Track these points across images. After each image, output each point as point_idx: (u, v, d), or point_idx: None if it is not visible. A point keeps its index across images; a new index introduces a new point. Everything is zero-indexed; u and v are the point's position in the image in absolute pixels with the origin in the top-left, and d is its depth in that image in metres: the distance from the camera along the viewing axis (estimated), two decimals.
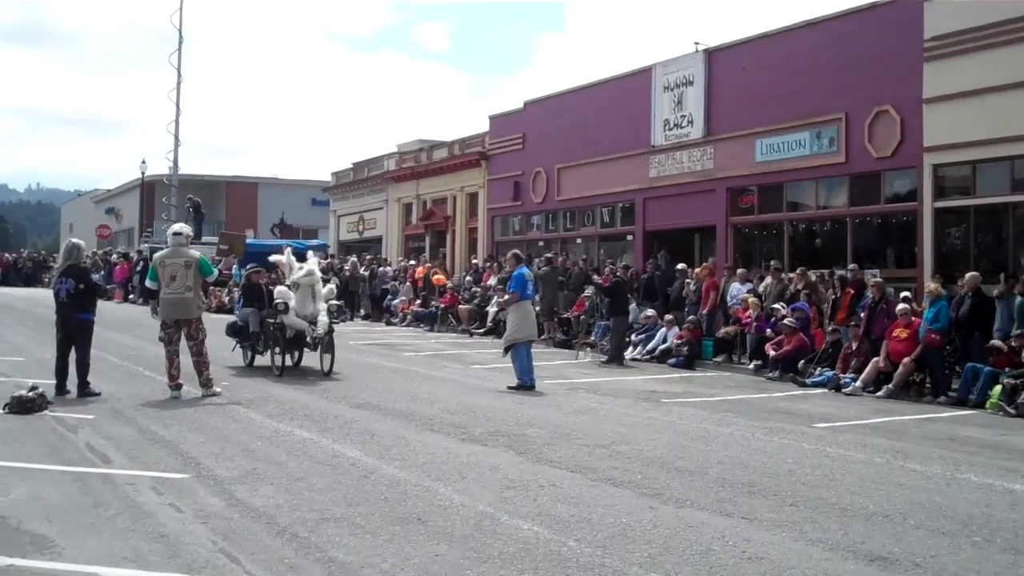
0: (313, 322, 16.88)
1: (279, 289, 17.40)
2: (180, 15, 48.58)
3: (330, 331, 17.02)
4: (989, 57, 19.35)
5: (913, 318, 17.51)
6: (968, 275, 17.61)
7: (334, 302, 18.20)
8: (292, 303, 16.91)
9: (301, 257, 18.31)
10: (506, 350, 16.67)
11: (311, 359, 17.69)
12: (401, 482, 8.91)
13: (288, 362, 17.37)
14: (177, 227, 15.36)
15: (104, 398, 13.64)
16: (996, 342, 16.59)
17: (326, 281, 19.10)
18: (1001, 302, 17.25)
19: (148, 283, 14.86)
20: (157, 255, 15.10)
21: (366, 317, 34.59)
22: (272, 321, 17.25)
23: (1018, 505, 8.90)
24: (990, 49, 19.36)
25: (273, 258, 18.68)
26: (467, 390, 16.06)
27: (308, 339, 17.18)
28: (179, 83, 49.17)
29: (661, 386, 17.64)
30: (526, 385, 16.05)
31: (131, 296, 41.12)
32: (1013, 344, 16.28)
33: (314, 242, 25.81)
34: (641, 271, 26.35)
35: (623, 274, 24.23)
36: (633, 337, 23.04)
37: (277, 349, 17.16)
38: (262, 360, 17.85)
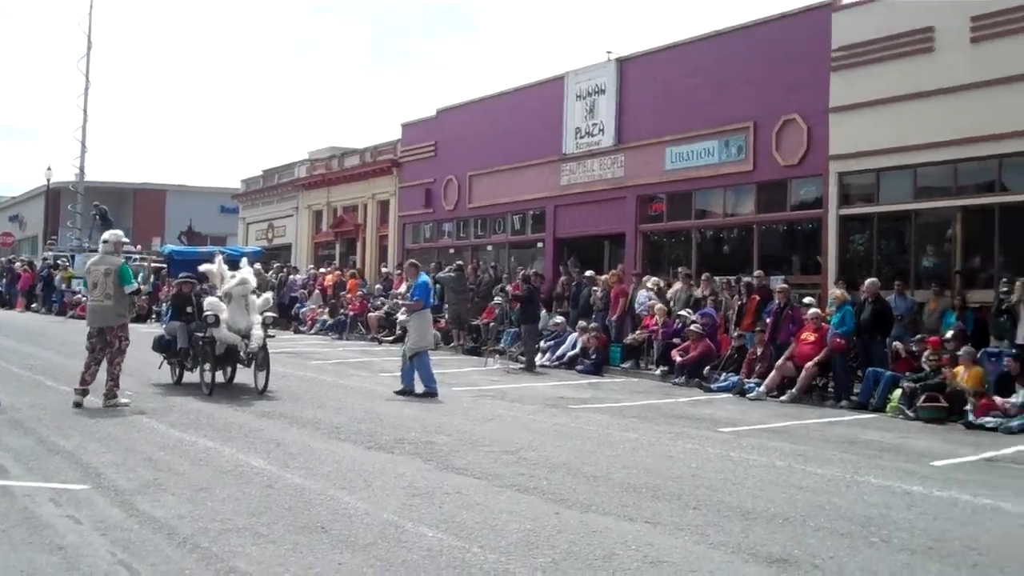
0: (246, 336, 15.74)
1: (209, 300, 16.16)
2: (89, 20, 48.04)
3: (265, 346, 16.00)
4: (894, 67, 19.74)
5: (823, 323, 17.80)
6: (867, 281, 18.00)
7: (269, 314, 17.12)
8: (224, 315, 15.72)
9: (234, 265, 17.21)
10: (410, 358, 16.39)
11: (244, 376, 16.62)
12: (306, 491, 8.83)
13: (220, 379, 16.16)
14: (106, 234, 15.03)
15: (3, 408, 13.27)
16: (897, 344, 17.00)
17: (261, 291, 17.74)
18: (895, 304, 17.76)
19: (83, 290, 14.74)
20: (88, 262, 14.90)
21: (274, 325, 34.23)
22: (201, 335, 16.00)
23: (915, 506, 9.09)
24: (895, 59, 19.73)
25: (203, 267, 17.26)
26: (375, 398, 15.97)
27: (241, 354, 15.93)
28: (87, 89, 48.69)
29: (569, 392, 17.74)
30: (432, 392, 15.99)
31: (34, 305, 40.28)
32: (912, 349, 16.68)
33: (250, 249, 25.13)
34: (562, 281, 26.43)
35: (535, 281, 24.25)
36: (542, 343, 23.12)
37: (207, 366, 15.84)
38: (191, 377, 16.63)
